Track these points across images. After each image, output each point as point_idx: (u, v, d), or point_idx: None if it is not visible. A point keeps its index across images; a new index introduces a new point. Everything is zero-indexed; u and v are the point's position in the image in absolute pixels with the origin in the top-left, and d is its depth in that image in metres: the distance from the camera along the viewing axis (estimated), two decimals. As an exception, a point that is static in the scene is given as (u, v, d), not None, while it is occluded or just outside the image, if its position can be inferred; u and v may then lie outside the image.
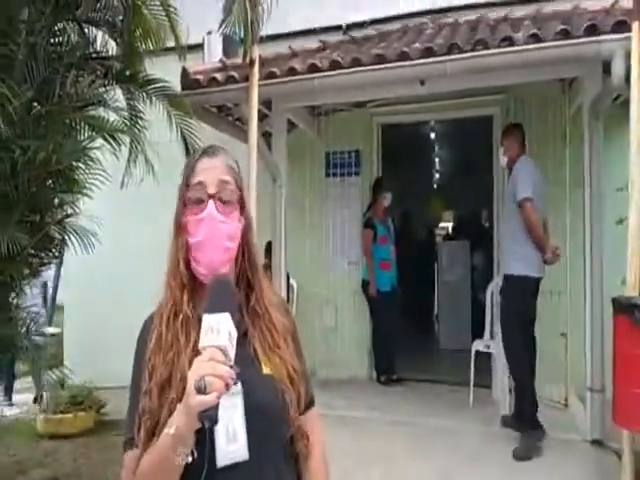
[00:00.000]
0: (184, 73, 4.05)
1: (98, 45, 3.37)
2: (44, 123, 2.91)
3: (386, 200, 5.18)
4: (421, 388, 4.96)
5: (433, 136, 7.87)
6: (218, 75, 4.01)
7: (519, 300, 3.61)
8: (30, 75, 2.85)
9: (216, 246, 1.01)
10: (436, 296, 7.95)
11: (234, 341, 0.86)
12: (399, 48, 3.64)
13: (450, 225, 11.26)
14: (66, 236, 3.23)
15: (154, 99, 3.46)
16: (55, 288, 7.32)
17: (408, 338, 5.89)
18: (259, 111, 3.77)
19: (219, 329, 0.84)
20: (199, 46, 4.93)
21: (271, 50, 4.29)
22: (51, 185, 3.12)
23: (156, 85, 3.46)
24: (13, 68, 2.78)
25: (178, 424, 0.85)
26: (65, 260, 5.49)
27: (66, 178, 3.12)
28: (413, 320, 7.24)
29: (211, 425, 0.81)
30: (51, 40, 3.10)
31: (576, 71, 3.75)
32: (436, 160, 9.86)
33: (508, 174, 3.89)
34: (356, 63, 3.66)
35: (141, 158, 3.28)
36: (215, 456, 0.93)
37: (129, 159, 3.31)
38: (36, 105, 2.95)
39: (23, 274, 3.13)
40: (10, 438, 4.37)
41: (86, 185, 3.20)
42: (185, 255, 1.04)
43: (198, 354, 0.85)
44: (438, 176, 10.96)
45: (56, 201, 3.22)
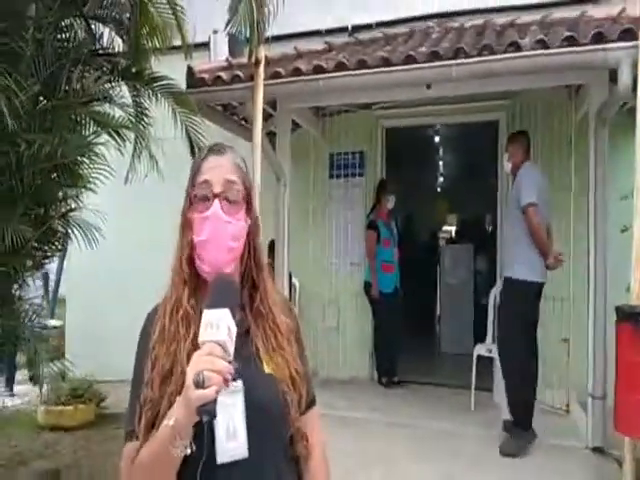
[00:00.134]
0: (190, 71, 4.07)
1: (105, 42, 3.38)
2: (50, 117, 2.92)
3: (390, 202, 5.17)
4: (422, 391, 4.95)
5: (438, 140, 7.84)
6: (223, 74, 4.02)
7: (518, 303, 3.63)
8: (37, 70, 2.86)
9: (220, 246, 1.01)
10: (438, 299, 7.94)
11: (234, 336, 0.86)
12: (405, 51, 3.64)
13: (453, 228, 11.26)
14: (69, 230, 3.25)
15: (159, 96, 3.47)
16: (57, 281, 7.36)
17: (410, 340, 5.87)
18: (264, 111, 3.77)
19: (218, 324, 0.84)
20: (205, 45, 4.95)
21: (277, 50, 4.31)
22: (56, 179, 3.12)
23: (162, 83, 3.47)
24: (20, 63, 2.79)
25: (177, 416, 0.85)
26: (68, 254, 5.53)
27: (71, 172, 3.13)
28: (415, 322, 7.22)
29: (209, 419, 0.82)
30: (58, 36, 3.11)
31: (582, 78, 3.75)
32: (440, 164, 9.83)
33: (512, 180, 3.89)
34: (362, 65, 3.66)
35: (145, 154, 3.30)
36: (215, 452, 0.93)
37: (133, 155, 3.32)
38: (42, 100, 2.96)
39: (26, 266, 3.15)
40: (11, 429, 4.40)
41: (90, 180, 3.22)
42: (190, 252, 1.04)
43: (197, 348, 0.85)
44: (442, 180, 10.93)
45: (60, 195, 3.24)
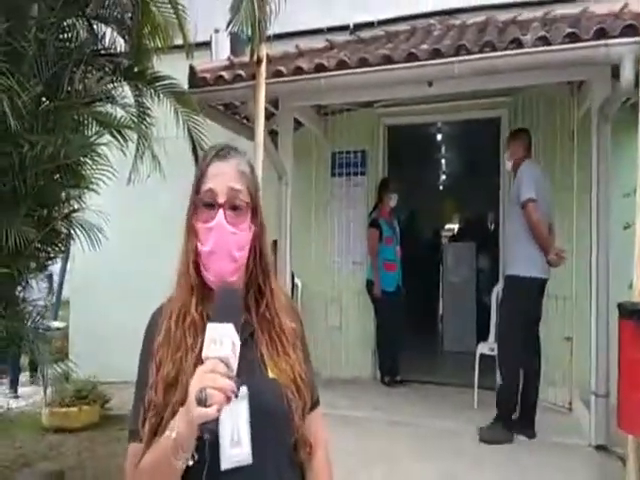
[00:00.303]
0: (191, 71, 4.07)
1: (107, 42, 3.38)
2: (52, 118, 2.92)
3: (392, 200, 5.17)
4: (425, 389, 4.95)
5: (440, 137, 7.83)
6: (225, 73, 4.02)
7: (519, 300, 3.66)
8: (39, 70, 2.86)
9: (225, 256, 1.01)
10: (441, 297, 7.93)
11: (237, 351, 0.86)
12: (407, 49, 3.63)
13: (456, 226, 11.25)
14: (72, 231, 3.26)
15: (161, 96, 3.47)
16: (61, 283, 7.36)
17: (412, 339, 5.87)
18: (265, 109, 3.78)
19: (222, 340, 0.85)
20: (207, 44, 4.94)
21: (278, 49, 4.30)
22: (59, 180, 3.13)
23: (164, 82, 3.47)
24: (23, 63, 2.79)
25: (179, 430, 0.85)
26: (72, 255, 5.54)
27: (73, 173, 3.13)
28: (417, 321, 7.22)
29: (211, 437, 0.83)
30: (60, 36, 3.11)
31: (584, 74, 3.75)
32: (443, 161, 9.82)
33: (513, 178, 3.90)
34: (363, 63, 3.66)
35: (148, 154, 3.30)
36: (219, 458, 0.94)
37: (136, 155, 3.32)
38: (45, 100, 2.96)
39: (30, 268, 3.15)
40: (15, 431, 4.41)
41: (93, 180, 3.22)
42: (195, 259, 1.04)
43: (201, 363, 0.85)
44: (444, 177, 10.91)
45: (63, 196, 3.24)
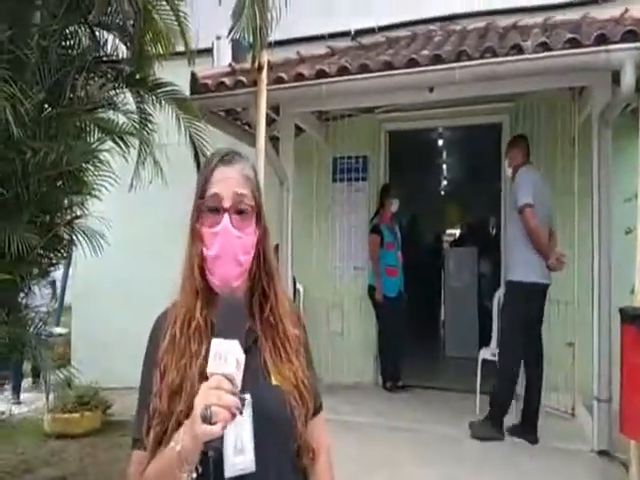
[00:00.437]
0: (193, 77, 4.09)
1: (109, 49, 3.40)
2: (55, 125, 2.94)
3: (393, 206, 5.17)
4: (427, 395, 4.93)
5: (441, 143, 7.84)
6: (227, 80, 4.04)
7: (518, 305, 3.68)
8: (42, 77, 2.87)
9: (231, 260, 1.01)
10: (443, 303, 7.91)
11: (242, 368, 0.87)
12: (408, 55, 3.64)
13: (457, 232, 11.24)
14: (75, 237, 3.26)
15: (163, 102, 3.49)
16: (63, 289, 7.36)
17: (414, 344, 5.86)
18: (267, 115, 3.79)
19: (227, 357, 0.85)
20: (208, 51, 4.96)
21: (279, 55, 4.32)
22: (61, 186, 3.14)
23: (165, 89, 3.49)
24: (25, 70, 2.81)
25: (184, 443, 0.85)
26: (74, 261, 5.55)
27: (76, 180, 3.14)
28: (419, 326, 7.20)
29: (215, 455, 0.83)
30: (62, 43, 3.13)
31: (585, 80, 3.75)
32: (444, 167, 9.83)
33: (512, 184, 3.91)
34: (364, 69, 3.67)
35: (150, 161, 3.31)
36: (222, 467, 0.93)
37: (138, 161, 3.33)
38: (47, 107, 2.98)
39: (32, 274, 3.16)
40: (18, 437, 4.41)
41: (95, 187, 3.23)
42: (200, 263, 1.04)
43: (206, 379, 0.85)
44: (446, 183, 10.93)
45: (66, 202, 3.25)
